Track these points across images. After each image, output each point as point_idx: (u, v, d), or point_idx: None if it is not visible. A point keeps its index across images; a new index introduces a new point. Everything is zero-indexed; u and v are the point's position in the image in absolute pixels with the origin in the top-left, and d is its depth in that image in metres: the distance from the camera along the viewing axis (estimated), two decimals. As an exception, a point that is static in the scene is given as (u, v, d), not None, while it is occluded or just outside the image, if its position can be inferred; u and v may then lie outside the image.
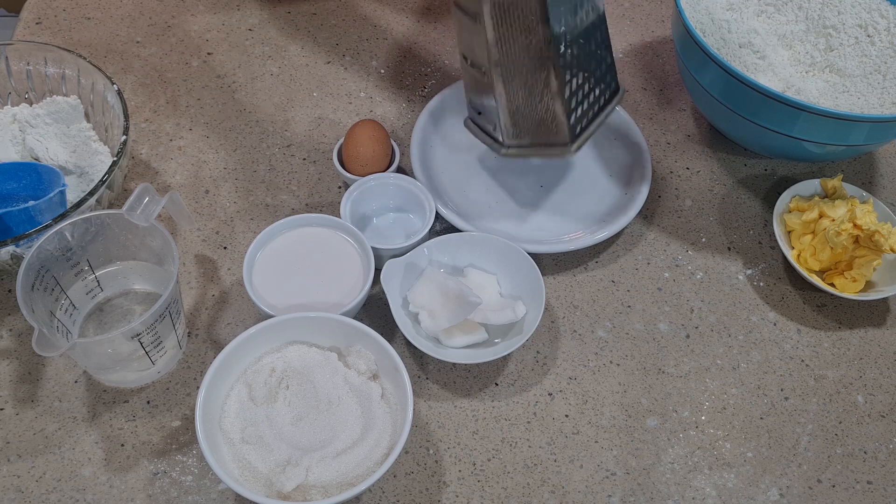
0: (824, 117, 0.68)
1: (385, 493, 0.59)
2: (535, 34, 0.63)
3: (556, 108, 0.66)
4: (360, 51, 0.89)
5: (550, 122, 0.68)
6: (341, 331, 0.60)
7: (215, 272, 0.70)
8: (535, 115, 0.68)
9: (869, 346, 0.70)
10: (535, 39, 0.63)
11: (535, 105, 0.67)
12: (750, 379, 0.68)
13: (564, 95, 0.66)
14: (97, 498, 0.58)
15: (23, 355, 0.64)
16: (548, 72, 0.64)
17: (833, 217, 0.72)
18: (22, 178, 0.67)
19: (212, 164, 0.78)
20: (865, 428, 0.66)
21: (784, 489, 0.62)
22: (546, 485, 0.61)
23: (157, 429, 0.61)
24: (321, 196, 0.76)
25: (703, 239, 0.77)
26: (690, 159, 0.83)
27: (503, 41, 0.64)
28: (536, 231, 0.73)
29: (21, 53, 0.73)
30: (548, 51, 0.63)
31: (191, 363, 0.65)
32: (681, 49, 0.77)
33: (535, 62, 0.64)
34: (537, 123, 0.68)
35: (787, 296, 0.73)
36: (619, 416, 0.64)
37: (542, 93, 0.66)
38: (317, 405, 0.57)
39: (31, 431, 0.60)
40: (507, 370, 0.66)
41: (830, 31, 0.79)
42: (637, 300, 0.72)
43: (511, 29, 0.63)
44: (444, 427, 0.63)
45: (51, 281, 0.59)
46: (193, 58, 0.87)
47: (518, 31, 0.63)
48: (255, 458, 0.55)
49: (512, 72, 0.66)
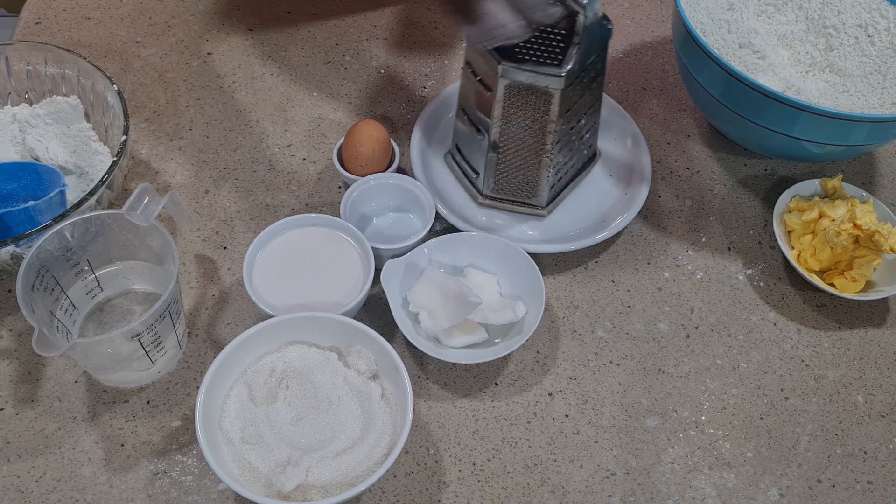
0: (824, 117, 0.68)
1: (385, 493, 0.59)
2: (541, 121, 0.66)
3: (540, 180, 0.71)
4: (360, 51, 0.89)
5: (532, 188, 0.72)
6: (341, 331, 0.60)
7: (215, 272, 0.70)
8: (518, 181, 0.72)
9: (869, 346, 0.70)
10: (540, 126, 0.67)
11: (522, 174, 0.71)
12: (750, 379, 0.68)
13: (551, 171, 0.70)
14: (97, 498, 0.58)
15: (23, 355, 0.64)
16: (542, 154, 0.68)
17: (833, 217, 0.72)
18: (22, 178, 0.67)
19: (212, 163, 0.78)
20: (865, 428, 0.66)
21: (784, 489, 0.62)
22: (546, 485, 0.61)
23: (157, 429, 0.61)
24: (321, 196, 0.76)
25: (703, 239, 0.77)
26: (690, 159, 0.83)
27: (509, 118, 0.67)
28: (537, 231, 0.73)
29: (21, 53, 0.73)
30: (547, 137, 0.67)
31: (191, 363, 0.65)
32: (681, 49, 0.77)
33: (534, 142, 0.68)
34: (518, 187, 0.72)
35: (787, 296, 0.73)
36: (619, 416, 0.64)
37: (531, 167, 0.70)
38: (317, 405, 0.57)
39: (31, 431, 0.60)
40: (507, 370, 0.66)
41: (830, 31, 0.79)
42: (637, 300, 0.72)
43: (519, 110, 0.66)
44: (444, 427, 0.63)
45: (51, 281, 0.59)
46: (193, 58, 0.87)
47: (526, 114, 0.66)
48: (255, 458, 0.55)
49: (509, 144, 0.69)
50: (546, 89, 0.64)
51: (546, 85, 0.63)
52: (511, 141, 0.68)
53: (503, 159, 0.70)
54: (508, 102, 0.65)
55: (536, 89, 0.64)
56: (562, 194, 0.75)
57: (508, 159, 0.70)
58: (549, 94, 0.64)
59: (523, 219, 0.74)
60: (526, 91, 0.64)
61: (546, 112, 0.65)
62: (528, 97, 0.65)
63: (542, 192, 0.72)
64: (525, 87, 0.64)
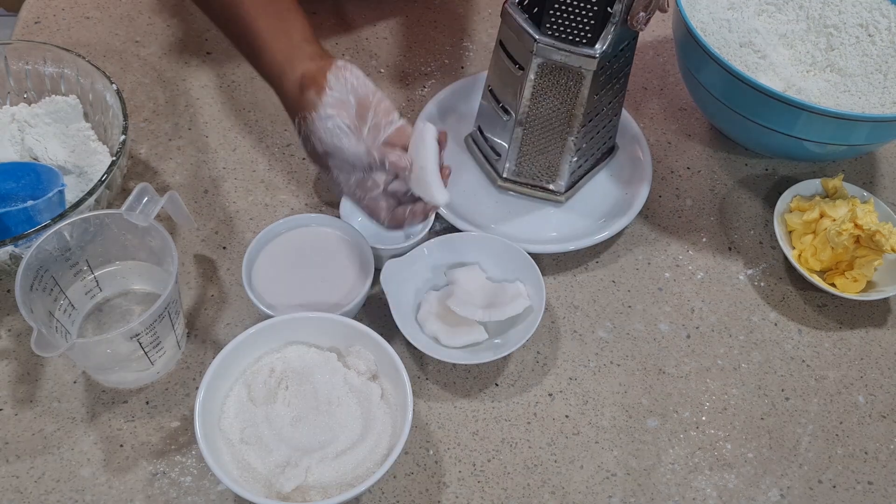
0: (825, 117, 0.68)
1: (385, 493, 0.59)
2: (570, 103, 0.67)
3: (562, 165, 0.72)
4: (360, 51, 0.89)
5: (552, 173, 0.73)
6: (341, 331, 0.60)
7: (214, 272, 0.70)
8: (540, 165, 0.73)
9: (870, 346, 0.70)
10: (569, 104, 0.67)
11: (545, 157, 0.72)
12: (751, 379, 0.67)
13: (573, 156, 0.71)
14: (96, 498, 0.57)
15: (22, 356, 0.64)
16: (568, 135, 0.69)
17: (834, 217, 0.72)
18: (21, 177, 0.67)
19: (211, 163, 0.78)
20: (866, 428, 0.65)
21: (785, 490, 0.62)
22: (546, 485, 0.60)
23: (156, 429, 0.61)
24: (321, 196, 0.76)
25: (703, 239, 0.76)
26: (691, 159, 0.83)
27: (538, 97, 0.68)
28: (537, 231, 0.73)
29: (20, 53, 0.73)
30: (574, 120, 0.68)
31: (190, 363, 0.64)
32: (681, 48, 0.77)
33: (560, 124, 0.69)
34: (539, 171, 0.73)
35: (788, 296, 0.73)
36: (619, 417, 0.64)
37: (555, 150, 0.71)
38: (316, 406, 0.57)
39: (30, 432, 0.60)
40: (507, 370, 0.66)
41: (831, 31, 0.79)
42: (637, 300, 0.71)
43: (550, 90, 0.67)
44: (443, 428, 0.63)
45: (49, 281, 0.59)
46: (193, 57, 0.86)
47: (556, 94, 0.67)
48: (255, 459, 0.55)
49: (535, 125, 0.70)
50: (579, 70, 0.64)
51: (579, 66, 0.64)
52: (537, 122, 0.69)
53: (528, 140, 0.71)
54: (539, 82, 0.66)
55: (569, 70, 0.65)
56: (580, 182, 0.76)
57: (533, 141, 0.71)
58: (581, 75, 0.65)
59: (524, 219, 0.74)
60: (558, 71, 0.65)
61: (576, 94, 0.66)
62: (559, 77, 0.66)
63: (563, 177, 0.73)
64: (558, 67, 0.65)
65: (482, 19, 0.94)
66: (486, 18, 0.94)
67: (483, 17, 0.95)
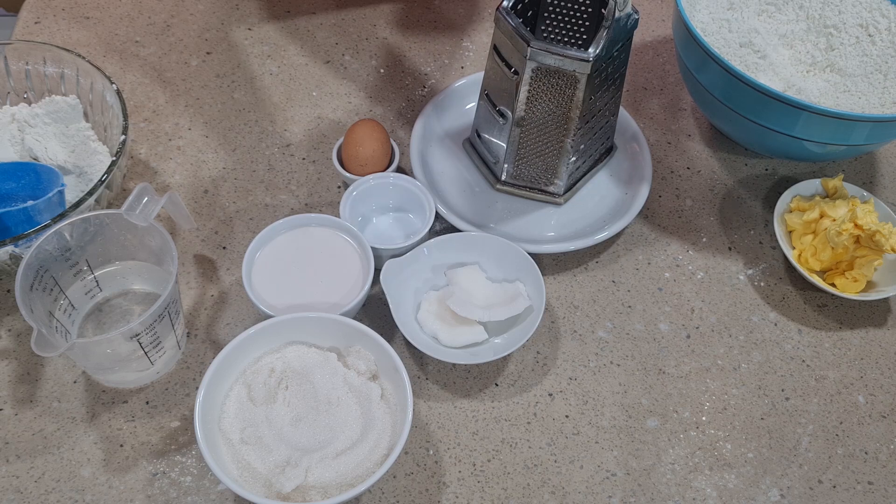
0: (825, 117, 0.68)
1: (385, 493, 0.59)
2: (565, 106, 0.67)
3: (560, 167, 0.71)
4: (359, 51, 0.89)
5: (550, 175, 0.73)
6: (341, 331, 0.60)
7: (214, 272, 0.70)
8: (538, 167, 0.72)
9: (870, 346, 0.70)
10: (564, 108, 0.67)
11: (542, 160, 0.72)
12: (751, 379, 0.67)
13: (571, 158, 0.71)
14: (96, 498, 0.57)
15: (22, 355, 0.64)
16: (565, 137, 0.69)
17: (834, 217, 0.72)
18: (21, 177, 0.67)
19: (211, 163, 0.78)
20: (866, 428, 0.65)
21: (785, 490, 0.62)
22: (546, 486, 0.60)
23: (156, 429, 0.61)
24: (321, 196, 0.76)
25: (703, 239, 0.76)
26: (691, 159, 0.83)
27: (533, 101, 0.67)
28: (536, 231, 0.73)
29: (20, 53, 0.73)
30: (570, 123, 0.67)
31: (190, 363, 0.64)
32: (681, 48, 0.77)
33: (556, 126, 0.68)
34: (537, 173, 0.73)
35: (788, 296, 0.73)
36: (619, 417, 0.64)
37: (552, 152, 0.71)
38: (316, 406, 0.57)
39: (30, 432, 0.60)
40: (507, 370, 0.66)
41: (831, 31, 0.79)
42: (637, 300, 0.71)
43: (545, 94, 0.67)
44: (443, 427, 0.63)
45: (49, 281, 0.59)
46: (193, 57, 0.87)
47: (551, 97, 0.67)
48: (255, 459, 0.55)
49: (532, 128, 0.69)
50: (573, 73, 0.64)
51: (574, 69, 0.64)
52: (534, 125, 0.69)
53: (525, 143, 0.71)
54: (534, 86, 0.66)
55: (563, 73, 0.65)
56: (579, 184, 0.76)
57: (530, 144, 0.71)
58: (575, 78, 0.65)
59: (524, 219, 0.74)
60: (553, 74, 0.65)
61: (571, 97, 0.66)
62: (554, 81, 0.65)
63: (562, 179, 0.73)
64: (552, 71, 0.65)
65: (482, 20, 0.94)
66: (486, 19, 0.94)
67: (483, 18, 0.95)
